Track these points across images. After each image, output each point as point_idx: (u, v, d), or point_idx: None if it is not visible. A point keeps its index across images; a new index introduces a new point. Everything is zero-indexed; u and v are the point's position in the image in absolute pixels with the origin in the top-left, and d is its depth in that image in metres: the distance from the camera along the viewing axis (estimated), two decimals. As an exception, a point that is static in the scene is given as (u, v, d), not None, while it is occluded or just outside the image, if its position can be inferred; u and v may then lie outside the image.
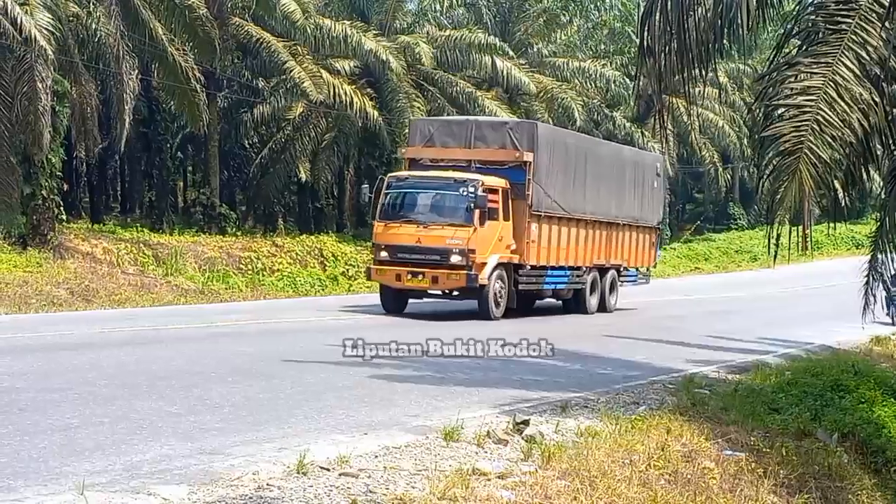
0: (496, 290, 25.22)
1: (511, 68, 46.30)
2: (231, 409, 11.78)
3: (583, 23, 58.49)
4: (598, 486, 8.79)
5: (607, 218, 30.40)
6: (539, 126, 28.01)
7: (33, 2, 26.69)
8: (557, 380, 15.78)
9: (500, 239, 25.38)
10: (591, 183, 29.41)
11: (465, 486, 8.38)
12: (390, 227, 25.50)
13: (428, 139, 27.29)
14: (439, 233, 24.71)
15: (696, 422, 12.11)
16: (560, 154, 27.88)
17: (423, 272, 24.62)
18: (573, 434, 10.97)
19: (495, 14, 52.18)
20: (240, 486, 8.09)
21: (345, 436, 10.38)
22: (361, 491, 8.21)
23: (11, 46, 27.09)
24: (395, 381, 14.59)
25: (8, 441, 9.44)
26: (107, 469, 8.44)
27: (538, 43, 52.68)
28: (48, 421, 10.51)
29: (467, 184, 24.71)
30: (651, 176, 33.86)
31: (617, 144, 39.82)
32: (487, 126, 27.57)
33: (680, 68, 14.12)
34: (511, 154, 26.17)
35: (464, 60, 45.88)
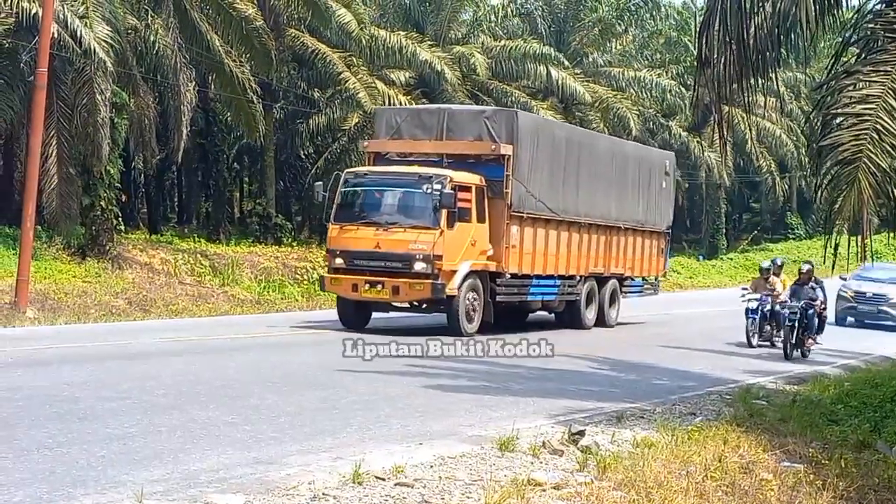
0: (469, 302, 22.18)
1: (566, 78, 46.23)
2: (287, 419, 11.81)
3: (638, 32, 58.29)
4: (655, 498, 8.72)
5: (606, 221, 27.41)
6: (520, 115, 24.56)
7: (93, 15, 26.94)
8: (612, 390, 15.73)
9: (474, 243, 22.38)
10: (585, 181, 26.38)
11: (520, 496, 8.34)
12: (346, 231, 22.46)
13: (395, 131, 24.19)
14: (401, 236, 21.78)
15: (753, 433, 12.00)
16: (546, 147, 24.74)
17: (383, 281, 21.68)
18: (629, 445, 10.90)
19: (550, 24, 52.15)
20: (295, 496, 8.11)
21: (400, 445, 10.37)
22: (416, 501, 8.21)
23: (72, 59, 27.37)
24: (450, 390, 14.60)
25: (67, 449, 9.53)
26: (164, 477, 8.48)
27: (593, 52, 52.59)
28: (107, 429, 10.59)
29: (432, 180, 21.62)
30: (658, 175, 30.64)
31: (618, 139, 35.89)
32: (462, 115, 24.28)
33: (738, 78, 14.06)
34: (486, 147, 23.02)
35: (519, 70, 45.89)
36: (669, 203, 31.86)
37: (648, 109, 55.30)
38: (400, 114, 25.35)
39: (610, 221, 27.58)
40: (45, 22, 24.14)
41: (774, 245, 68.96)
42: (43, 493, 7.95)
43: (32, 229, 23.63)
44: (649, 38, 59.89)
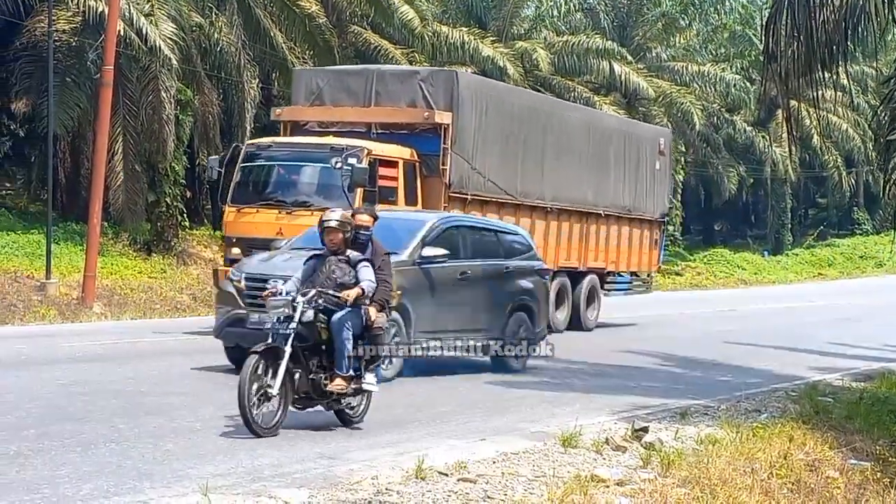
0: None
1: (629, 73, 46.04)
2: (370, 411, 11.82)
3: (702, 26, 57.83)
4: (719, 495, 8.67)
5: (580, 206, 23.82)
6: (461, 76, 21.10)
7: (158, 13, 27.21)
8: (676, 387, 15.65)
9: None
10: (552, 158, 22.89)
11: (583, 492, 8.32)
12: (245, 214, 18.88)
13: (316, 96, 20.74)
14: (307, 221, 17.20)
15: (819, 430, 11.89)
16: (498, 117, 21.26)
17: None
18: (693, 441, 10.84)
19: (613, 19, 51.97)
20: (359, 491, 8.11)
21: (462, 441, 10.38)
22: (479, 496, 8.20)
23: (137, 56, 27.65)
24: (512, 386, 14.58)
25: (134, 443, 9.63)
26: (229, 472, 8.54)
27: (657, 47, 52.34)
28: (172, 424, 10.70)
29: (343, 153, 17.95)
30: (651, 154, 27.01)
31: (597, 112, 32.28)
32: (393, 77, 20.81)
33: (805, 71, 13.93)
34: (419, 114, 19.61)
35: (581, 65, 45.74)
36: (665, 187, 28.39)
37: (713, 104, 54.94)
38: (322, 76, 21.83)
39: (586, 207, 24.14)
40: (111, 20, 24.40)
41: (841, 241, 68.29)
42: (110, 485, 8.04)
43: (99, 225, 23.90)
44: (713, 32, 59.42)
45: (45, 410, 11.32)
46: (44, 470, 8.48)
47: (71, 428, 10.27)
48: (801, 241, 67.01)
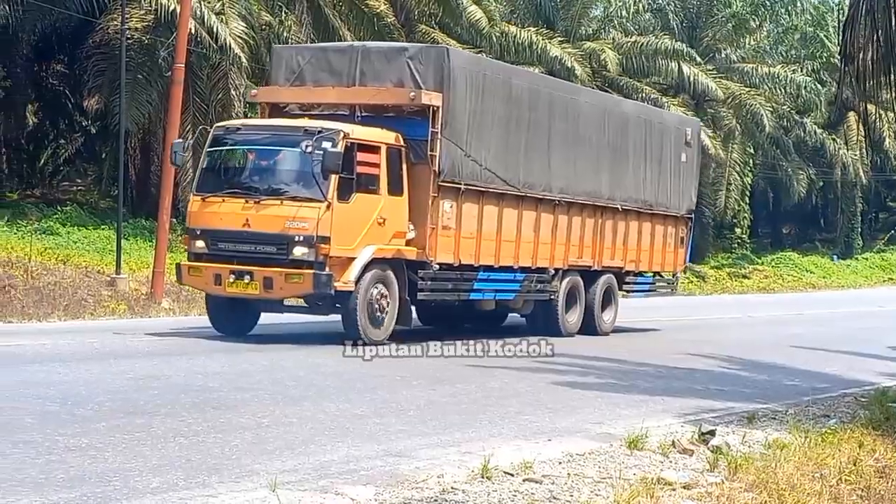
0: (373, 300, 16.93)
1: (698, 74, 45.88)
2: (416, 412, 11.88)
3: (773, 27, 57.56)
4: (787, 500, 8.61)
5: (593, 200, 21.93)
6: (452, 53, 18.94)
7: (229, 11, 27.47)
8: (743, 390, 15.54)
9: (382, 222, 17.17)
10: (560, 147, 20.90)
11: (649, 495, 8.28)
12: (210, 204, 17.16)
13: (296, 76, 18.79)
14: (275, 211, 16.57)
15: (889, 436, 11.76)
16: (497, 100, 19.35)
17: (252, 271, 16.48)
18: (761, 446, 10.76)
19: (682, 19, 51.78)
20: (425, 489, 8.13)
21: (528, 441, 10.35)
22: (545, 497, 8.18)
23: (207, 54, 27.91)
24: (578, 387, 14.56)
25: (202, 438, 9.70)
26: (296, 468, 8.58)
27: (726, 48, 52.12)
28: (240, 419, 10.77)
29: (315, 137, 16.37)
30: (676, 145, 24.92)
31: (614, 97, 29.98)
32: (379, 55, 18.63)
33: (881, 73, 13.81)
34: (404, 94, 17.85)
35: (649, 66, 45.66)
36: (692, 181, 26.09)
37: (782, 106, 54.59)
38: (303, 53, 19.66)
39: (601, 200, 22.21)
40: (182, 18, 24.66)
41: (913, 244, 67.89)
42: (179, 479, 8.11)
43: (168, 222, 24.13)
44: (784, 33, 59.12)
45: (116, 404, 11.43)
46: (114, 462, 8.57)
47: (141, 422, 10.36)
48: (872, 245, 66.35)
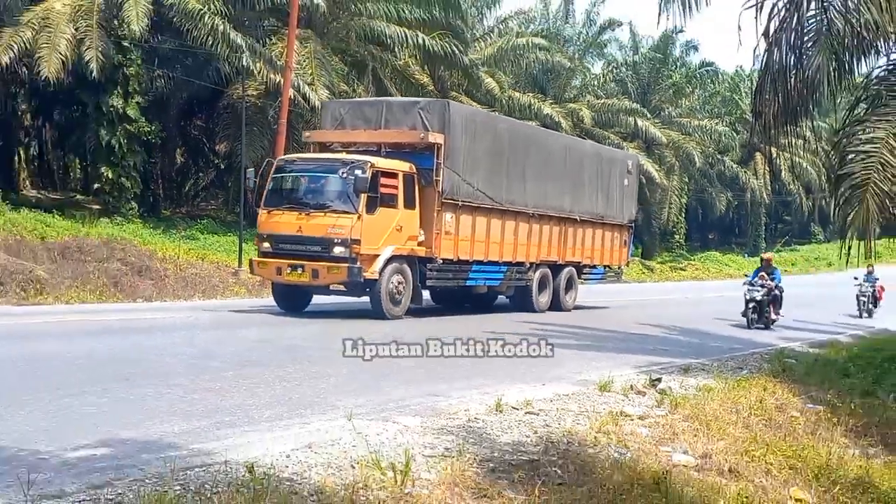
0: (392, 287, 16.99)
1: (648, 126, 45.96)
2: (451, 363, 11.89)
3: (701, 92, 57.38)
4: (712, 427, 8.60)
5: (559, 213, 21.59)
6: (452, 105, 18.75)
7: (317, 82, 27.53)
8: (680, 350, 15.46)
9: (399, 229, 17.11)
10: (534, 174, 20.56)
11: (615, 423, 8.30)
12: (273, 215, 17.16)
13: (339, 122, 18.86)
14: (320, 221, 16.55)
15: (785, 383, 11.73)
16: (486, 140, 19.10)
17: (304, 265, 16.55)
18: (693, 389, 10.73)
19: (637, 87, 51.60)
20: (456, 419, 8.16)
21: (528, 386, 10.34)
22: (541, 424, 8.20)
23: (302, 113, 27.99)
24: (561, 348, 14.40)
25: (299, 383, 9.75)
26: (364, 404, 8.61)
27: (668, 107, 51.98)
28: (327, 370, 10.78)
29: (349, 166, 16.51)
30: (621, 173, 24.63)
31: (574, 138, 29.06)
32: (398, 107, 18.71)
33: (780, 124, 13.94)
34: (417, 136, 17.68)
35: (614, 120, 45.64)
36: (632, 199, 25.62)
37: (708, 148, 54.41)
38: (344, 106, 19.68)
39: (564, 213, 21.81)
40: (285, 88, 24.82)
41: (801, 247, 68.05)
42: (283, 412, 8.16)
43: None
44: (709, 97, 58.90)
45: (238, 358, 11.52)
46: (238, 400, 8.63)
47: (257, 371, 10.43)
48: (773, 246, 66.27)
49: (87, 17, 25.17)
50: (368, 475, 6.00)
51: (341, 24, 31.05)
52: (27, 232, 21.25)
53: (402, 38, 30.60)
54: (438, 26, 31.77)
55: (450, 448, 6.99)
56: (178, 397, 8.60)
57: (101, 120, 26.45)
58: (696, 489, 6.83)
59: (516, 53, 40.73)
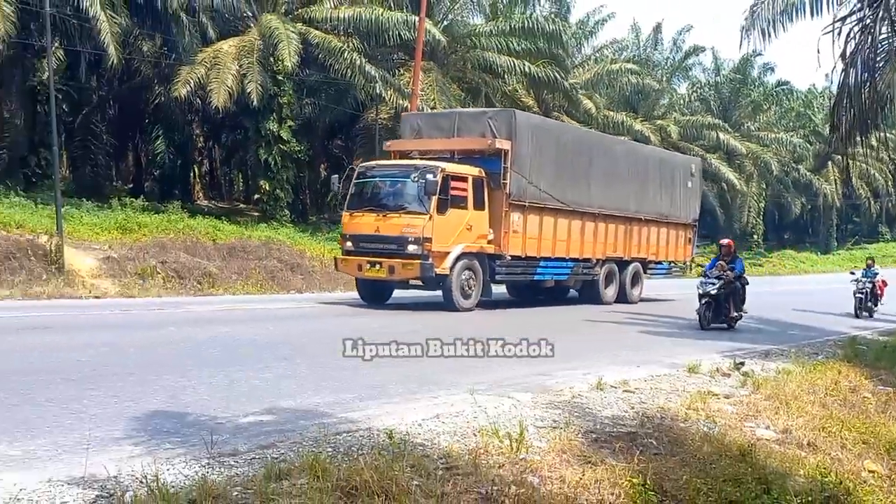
0: (463, 281, 16.27)
1: (729, 139, 44.82)
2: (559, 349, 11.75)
3: (777, 108, 55.54)
4: (792, 406, 8.33)
5: (623, 212, 20.47)
6: (518, 114, 17.86)
7: (438, 106, 27.60)
8: (761, 337, 14.96)
9: (469, 228, 16.39)
10: (598, 177, 19.53)
11: (703, 401, 8.11)
12: (355, 217, 16.56)
13: (417, 132, 18.25)
14: (395, 221, 15.90)
15: (858, 367, 11.24)
16: (550, 146, 18.17)
17: (381, 262, 15.91)
18: (773, 372, 10.39)
19: (719, 104, 50.34)
20: (561, 395, 8.11)
21: (624, 368, 10.20)
22: (637, 401, 8.09)
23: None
24: (653, 335, 14.29)
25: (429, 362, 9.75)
26: (483, 382, 8.61)
27: (747, 122, 50.58)
28: (447, 352, 10.39)
29: (421, 171, 15.91)
30: (684, 176, 23.33)
31: (637, 144, 27.32)
32: (469, 117, 18.03)
33: (854, 135, 13.47)
34: (485, 142, 16.90)
35: (698, 134, 44.63)
36: (696, 199, 24.23)
37: (784, 157, 52.77)
38: (421, 118, 19.21)
39: (629, 213, 20.73)
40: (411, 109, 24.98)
41: (869, 245, 65.19)
42: (414, 388, 8.26)
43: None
44: (785, 112, 56.97)
45: (373, 337, 10.80)
46: (377, 377, 8.75)
47: (385, 351, 10.01)
48: (843, 245, 64.00)
49: (249, 55, 25.93)
50: (488, 442, 6.02)
51: (459, 56, 31.18)
52: (201, 235, 22.00)
53: (511, 67, 30.56)
54: (543, 56, 31.59)
55: (557, 420, 6.95)
56: (327, 374, 8.79)
57: (259, 141, 27.20)
58: (778, 460, 6.63)
59: (611, 77, 40.15)
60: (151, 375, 8.24)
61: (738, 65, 51.33)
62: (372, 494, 4.73)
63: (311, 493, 4.66)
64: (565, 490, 5.25)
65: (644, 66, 45.18)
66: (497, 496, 4.99)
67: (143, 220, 21.85)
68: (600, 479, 5.46)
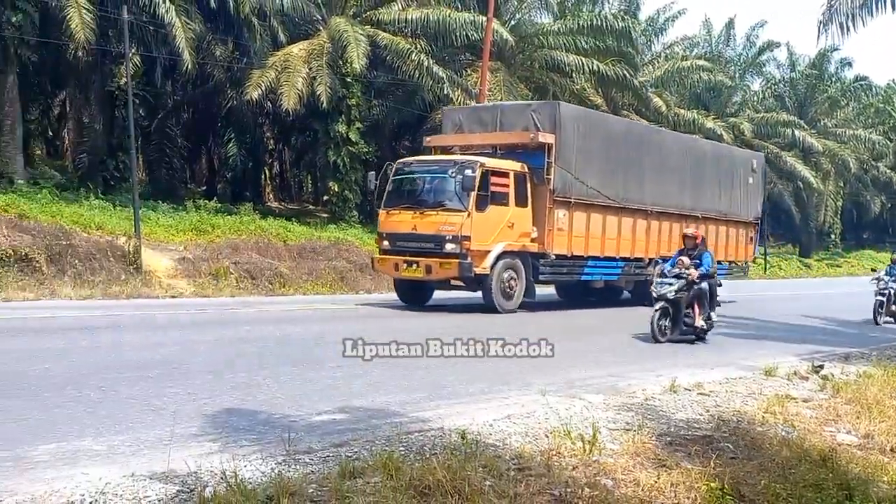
0: (504, 281, 15.45)
1: (805, 136, 43.61)
2: (632, 352, 11.70)
3: (855, 104, 53.94)
4: (873, 410, 8.06)
5: (678, 210, 19.41)
6: (562, 107, 16.84)
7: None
8: (840, 340, 14.58)
9: (511, 226, 15.56)
10: (651, 173, 18.56)
11: (781, 405, 7.93)
12: (391, 215, 15.82)
13: (458, 127, 17.49)
14: (433, 219, 15.14)
15: (943, 371, 10.86)
16: (598, 139, 17.24)
17: (418, 261, 15.18)
18: (854, 375, 10.09)
19: (794, 101, 49.13)
20: (634, 397, 8.02)
21: (698, 370, 10.06)
22: (712, 404, 7.94)
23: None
24: (730, 336, 14.02)
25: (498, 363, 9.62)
26: (554, 383, 8.59)
27: (824, 118, 49.21)
28: (516, 351, 10.18)
29: (459, 166, 15.07)
30: (745, 172, 22.16)
31: (693, 138, 25.48)
32: (511, 110, 17.05)
33: None
34: (527, 136, 15.96)
35: (772, 132, 43.57)
36: (758, 196, 23.02)
37: (863, 155, 51.22)
38: (462, 112, 18.33)
39: (684, 210, 19.62)
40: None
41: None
42: (485, 387, 8.26)
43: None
44: (864, 108, 55.31)
45: (447, 336, 10.60)
46: (444, 377, 8.76)
47: (449, 352, 9.81)
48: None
49: (318, 58, 26.25)
50: (560, 444, 5.99)
51: (526, 56, 31.07)
52: (272, 236, 22.35)
53: (580, 66, 30.32)
54: (612, 54, 31.27)
55: (630, 423, 6.87)
56: (399, 374, 8.85)
57: (328, 143, 27.51)
58: (860, 466, 6.43)
59: (681, 75, 39.50)
60: (227, 373, 8.41)
61: (814, 60, 50.05)
62: (445, 494, 4.75)
63: (385, 491, 4.70)
64: (640, 493, 5.19)
65: (716, 62, 44.32)
66: (570, 498, 4.96)
67: (217, 222, 22.31)
68: (676, 482, 5.38)
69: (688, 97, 43.05)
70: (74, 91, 27.73)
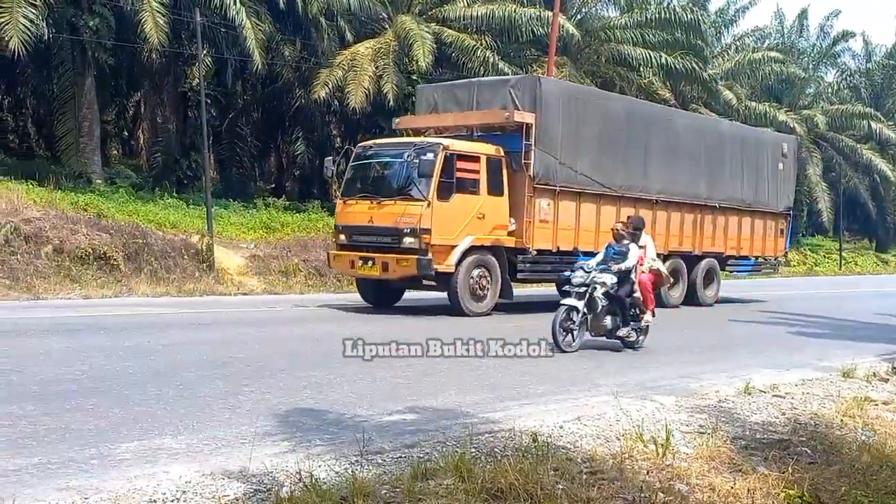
0: (473, 280, 13.70)
1: (882, 128, 42.24)
2: (703, 350, 11.48)
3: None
4: (959, 415, 7.80)
5: (691, 199, 17.60)
6: (544, 81, 15.13)
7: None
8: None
9: (482, 217, 13.84)
10: (658, 158, 16.70)
11: (860, 408, 7.70)
12: (348, 206, 14.23)
13: (433, 107, 15.65)
14: (391, 210, 13.48)
15: None
16: (593, 119, 15.46)
17: (374, 257, 13.57)
18: (937, 377, 9.79)
19: (870, 92, 47.69)
20: (706, 399, 7.89)
21: (772, 371, 9.85)
22: (788, 407, 7.76)
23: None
24: (803, 335, 13.69)
25: (565, 362, 9.65)
26: (625, 384, 8.53)
27: (902, 110, 47.64)
28: (585, 353, 10.54)
29: (416, 149, 13.43)
30: (773, 157, 19.84)
31: (710, 118, 23.40)
32: (489, 86, 15.18)
33: None
34: (501, 115, 14.26)
35: (847, 124, 42.37)
36: (789, 184, 20.62)
37: (944, 147, 49.56)
38: (438, 90, 16.24)
39: (699, 200, 17.82)
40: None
41: None
42: (552, 388, 8.19)
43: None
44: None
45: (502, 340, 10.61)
46: (508, 378, 8.71)
47: (511, 354, 9.67)
48: None
49: (385, 56, 26.41)
50: (632, 447, 5.92)
51: (592, 50, 30.78)
52: (340, 233, 22.53)
53: (647, 59, 29.92)
54: (680, 46, 30.77)
55: (703, 425, 6.76)
56: (467, 373, 8.86)
57: (395, 141, 27.63)
58: (946, 474, 6.21)
59: (752, 67, 38.67)
60: (300, 372, 8.54)
61: (891, 50, 48.56)
62: (518, 498, 4.73)
63: (457, 493, 4.71)
64: (715, 499, 5.10)
65: (788, 53, 43.26)
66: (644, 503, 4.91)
67: (286, 220, 22.64)
68: (752, 488, 5.28)
69: (759, 90, 42.09)
70: (149, 92, 28.41)
